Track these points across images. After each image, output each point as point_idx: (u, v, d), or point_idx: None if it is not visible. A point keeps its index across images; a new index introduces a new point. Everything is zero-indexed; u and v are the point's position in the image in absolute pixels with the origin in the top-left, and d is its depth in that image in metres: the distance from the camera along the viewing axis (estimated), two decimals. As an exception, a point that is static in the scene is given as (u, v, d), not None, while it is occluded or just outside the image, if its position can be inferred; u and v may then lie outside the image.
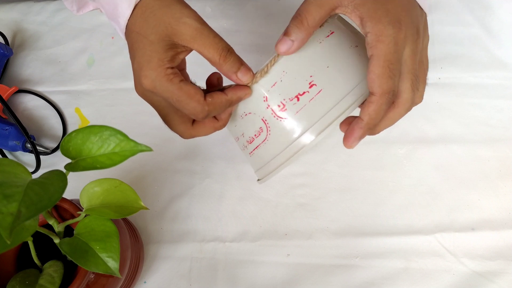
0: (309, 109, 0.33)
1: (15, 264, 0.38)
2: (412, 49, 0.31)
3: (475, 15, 0.58)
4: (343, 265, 0.47)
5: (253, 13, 0.61)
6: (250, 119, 0.35)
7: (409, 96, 0.32)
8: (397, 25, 0.29)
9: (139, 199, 0.36)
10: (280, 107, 0.33)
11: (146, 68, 0.32)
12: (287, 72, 0.33)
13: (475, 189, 0.50)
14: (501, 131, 0.52)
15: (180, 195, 0.52)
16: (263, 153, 0.36)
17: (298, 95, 0.33)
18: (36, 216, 0.26)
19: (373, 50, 0.30)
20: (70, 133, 0.31)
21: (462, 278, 0.46)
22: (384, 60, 0.29)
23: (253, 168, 0.39)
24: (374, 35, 0.29)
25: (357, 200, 0.50)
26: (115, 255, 0.32)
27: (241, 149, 0.39)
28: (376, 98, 0.30)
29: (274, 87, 0.33)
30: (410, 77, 0.31)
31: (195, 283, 0.48)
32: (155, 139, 0.54)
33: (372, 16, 0.30)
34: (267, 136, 0.35)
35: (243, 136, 0.37)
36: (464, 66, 0.56)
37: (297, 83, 0.33)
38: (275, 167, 0.35)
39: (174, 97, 0.32)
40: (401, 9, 0.30)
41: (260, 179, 0.38)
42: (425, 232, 0.48)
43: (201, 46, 0.32)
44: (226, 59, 0.32)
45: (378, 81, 0.30)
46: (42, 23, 0.63)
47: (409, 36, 0.30)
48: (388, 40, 0.29)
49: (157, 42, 0.31)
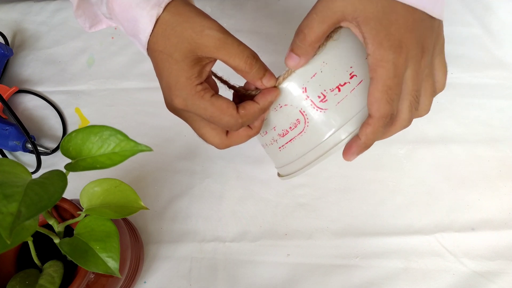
0: (351, 100, 0.33)
1: (15, 264, 0.38)
2: (414, 70, 0.31)
3: (475, 15, 0.58)
4: (343, 265, 0.47)
5: (253, 13, 0.61)
6: (286, 111, 0.34)
7: (406, 116, 0.32)
8: (398, 49, 0.29)
9: (139, 199, 0.36)
10: (321, 98, 0.33)
11: (175, 88, 0.32)
12: (327, 63, 0.33)
13: (475, 189, 0.50)
14: (501, 131, 0.52)
15: (180, 195, 0.52)
16: (298, 146, 0.35)
17: (339, 86, 0.33)
18: (36, 216, 0.26)
19: (372, 73, 0.30)
20: (70, 133, 0.31)
21: (462, 278, 0.46)
22: (382, 85, 0.29)
23: (279, 164, 0.38)
24: (374, 59, 0.29)
25: (357, 200, 0.50)
26: (115, 255, 0.32)
27: (267, 144, 0.38)
28: (374, 121, 0.30)
29: (314, 77, 0.33)
30: (409, 98, 0.31)
31: (195, 283, 0.48)
32: (155, 139, 0.54)
33: (374, 39, 0.29)
34: (305, 128, 0.34)
35: (274, 130, 0.36)
36: (464, 66, 0.56)
37: (338, 73, 0.33)
38: (312, 159, 0.34)
39: (207, 113, 0.32)
40: (404, 30, 0.29)
41: (288, 174, 0.37)
42: (425, 232, 0.48)
43: (226, 56, 0.31)
44: (252, 67, 0.32)
45: (376, 105, 0.30)
46: (42, 23, 0.63)
47: (410, 58, 0.30)
48: (388, 66, 0.29)
49: (182, 60, 0.31)
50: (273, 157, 0.39)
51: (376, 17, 0.29)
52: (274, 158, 0.39)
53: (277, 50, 0.58)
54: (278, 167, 0.39)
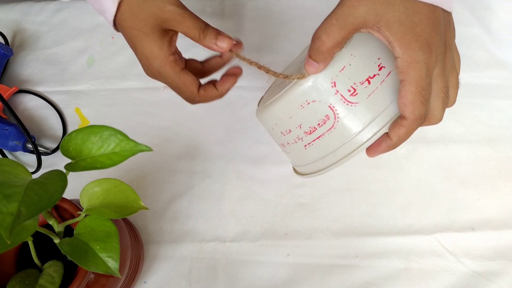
0: (381, 92, 0.32)
1: (15, 264, 0.38)
2: (441, 67, 0.30)
3: (475, 15, 0.58)
4: (343, 265, 0.47)
5: (253, 13, 0.61)
6: (314, 107, 0.33)
7: (440, 114, 0.32)
8: (427, 49, 0.29)
9: (139, 199, 0.36)
10: (351, 92, 0.32)
11: (151, 57, 0.36)
12: (355, 55, 0.32)
13: (475, 189, 0.50)
14: (501, 131, 0.52)
15: (180, 195, 0.52)
16: (328, 143, 0.33)
17: (369, 78, 0.32)
18: (36, 216, 0.26)
19: (404, 75, 0.29)
20: (70, 133, 0.31)
21: (462, 278, 0.46)
22: (416, 86, 0.29)
23: (303, 162, 0.37)
24: (404, 61, 0.29)
25: (357, 200, 0.50)
26: (115, 255, 0.32)
27: (289, 143, 0.36)
28: (408, 123, 0.30)
29: (343, 71, 0.32)
30: (441, 96, 0.31)
31: (195, 283, 0.48)
32: (155, 139, 0.54)
33: (401, 41, 0.29)
34: (335, 124, 0.32)
35: (300, 128, 0.34)
36: (464, 66, 0.55)
37: (366, 66, 0.32)
38: (343, 155, 0.33)
39: (173, 83, 0.37)
40: (430, 29, 0.29)
41: (314, 172, 0.36)
42: (425, 232, 0.48)
43: (185, 28, 0.36)
44: (205, 33, 0.36)
45: (410, 107, 0.29)
46: (42, 23, 0.63)
47: (438, 56, 0.30)
48: (420, 67, 0.29)
49: (151, 32, 0.36)
50: (296, 156, 0.38)
51: (398, 20, 0.28)
52: (297, 156, 0.37)
53: (277, 50, 0.58)
54: (301, 165, 0.38)
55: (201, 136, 0.54)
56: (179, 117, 0.55)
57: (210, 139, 0.54)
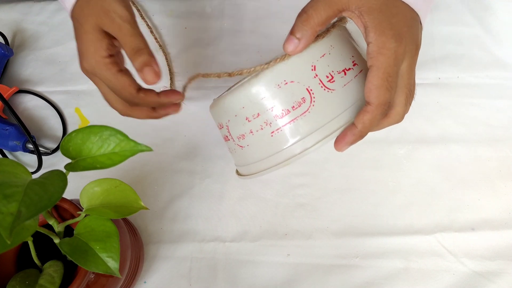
0: (355, 85, 0.33)
1: (15, 264, 0.38)
2: (409, 64, 0.31)
3: (475, 15, 0.58)
4: (343, 265, 0.47)
5: (253, 13, 0.61)
6: (291, 88, 0.33)
7: (402, 109, 0.33)
8: (399, 38, 0.30)
9: (139, 199, 0.36)
10: (329, 78, 0.32)
11: (86, 55, 0.35)
12: (334, 47, 0.33)
13: (475, 189, 0.50)
14: (501, 131, 0.52)
15: (180, 195, 0.52)
16: (301, 127, 0.33)
17: (345, 70, 0.33)
18: (36, 216, 0.26)
19: (373, 61, 0.30)
20: (70, 133, 0.31)
21: (462, 278, 0.46)
22: (383, 72, 0.30)
23: (266, 153, 0.35)
24: (376, 46, 0.30)
25: (357, 200, 0.50)
26: (115, 255, 0.32)
27: (252, 132, 0.35)
28: (372, 108, 0.31)
29: (323, 57, 0.33)
30: (406, 92, 0.32)
31: (195, 283, 0.48)
32: (155, 139, 0.54)
33: (376, 27, 0.30)
34: (310, 108, 0.32)
35: (271, 111, 0.33)
36: (464, 66, 0.56)
37: (343, 59, 0.33)
38: (313, 143, 0.33)
39: (110, 84, 0.36)
40: (404, 24, 0.31)
41: (275, 164, 0.35)
42: (425, 232, 0.48)
43: (120, 41, 0.35)
44: (135, 60, 0.35)
45: (376, 92, 0.30)
46: (42, 23, 0.63)
47: (408, 51, 0.31)
48: (389, 53, 0.30)
49: (91, 31, 0.34)
50: (254, 149, 0.36)
51: (379, 8, 0.30)
52: (256, 149, 0.36)
53: (277, 50, 0.58)
54: (256, 161, 0.36)
55: (201, 136, 0.54)
56: (179, 117, 0.55)
57: (210, 139, 0.54)
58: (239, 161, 0.40)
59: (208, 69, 0.57)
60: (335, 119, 0.32)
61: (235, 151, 0.39)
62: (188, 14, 0.61)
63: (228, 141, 0.39)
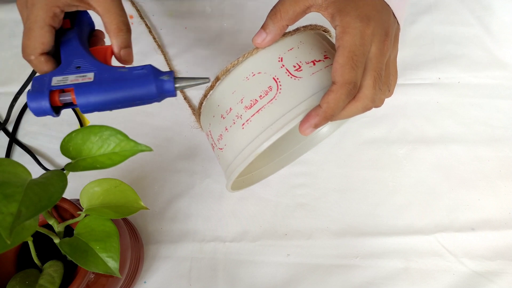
0: (324, 74, 0.34)
1: (15, 264, 0.38)
2: (379, 48, 0.31)
3: (475, 15, 0.58)
4: (343, 265, 0.47)
5: (253, 13, 0.61)
6: (258, 78, 0.34)
7: (370, 92, 0.32)
8: (365, 19, 0.30)
9: (139, 199, 0.36)
10: (296, 68, 0.34)
11: None
12: (303, 42, 0.35)
13: (475, 189, 0.50)
14: (501, 131, 0.52)
15: (180, 195, 0.52)
16: (268, 114, 0.33)
17: (315, 61, 0.34)
18: (36, 216, 0.26)
19: (339, 41, 0.31)
20: (70, 133, 0.31)
21: (462, 278, 0.46)
22: (348, 51, 0.30)
23: (239, 148, 0.35)
24: (341, 27, 0.31)
25: (357, 200, 0.50)
26: (115, 255, 0.32)
27: (227, 128, 0.36)
28: (337, 87, 0.31)
29: (291, 51, 0.34)
30: (374, 75, 0.32)
31: (195, 283, 0.48)
32: (155, 139, 0.54)
33: (341, 10, 0.31)
34: (276, 95, 0.33)
35: (241, 102, 0.35)
36: (464, 66, 0.56)
37: (313, 52, 0.35)
38: (284, 122, 0.33)
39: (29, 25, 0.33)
40: (371, 8, 0.31)
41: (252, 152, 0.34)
42: (425, 232, 0.48)
43: (105, 11, 0.33)
44: (117, 35, 0.34)
45: (340, 70, 0.30)
46: (42, 23, 0.63)
47: (376, 34, 0.31)
48: (354, 32, 0.30)
49: None
50: (232, 146, 0.36)
51: None
52: (233, 145, 0.36)
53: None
54: (236, 156, 0.36)
55: (201, 136, 0.54)
56: (179, 117, 0.55)
57: (210, 139, 0.54)
58: (223, 168, 0.40)
59: (208, 69, 0.57)
60: (301, 104, 0.33)
61: (219, 157, 0.40)
62: (188, 14, 0.61)
63: (214, 149, 0.40)
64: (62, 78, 0.33)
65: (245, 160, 0.35)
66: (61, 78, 0.33)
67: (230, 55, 0.58)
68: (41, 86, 0.33)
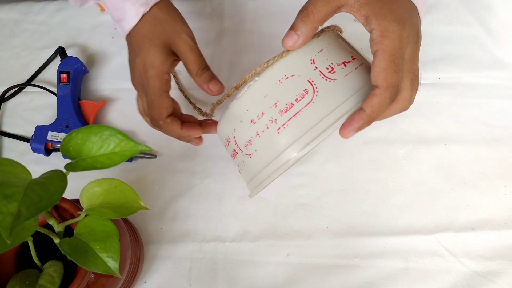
0: (357, 75, 0.33)
1: (15, 264, 0.38)
2: (413, 50, 0.32)
3: (475, 15, 0.58)
4: (343, 265, 0.47)
5: (253, 13, 0.61)
6: (292, 81, 0.33)
7: (408, 94, 0.32)
8: (401, 23, 0.30)
9: (139, 199, 0.36)
10: (329, 70, 0.33)
11: (148, 65, 0.39)
12: (330, 44, 0.34)
13: (475, 189, 0.50)
14: (501, 131, 0.52)
15: (180, 195, 0.52)
16: (306, 118, 0.32)
17: (345, 62, 0.34)
18: (36, 216, 0.27)
19: (378, 45, 0.30)
20: (70, 133, 0.31)
21: (462, 278, 0.46)
22: (389, 54, 0.30)
23: (273, 155, 0.34)
24: (379, 31, 0.30)
25: (357, 200, 0.50)
26: (115, 255, 0.32)
27: (258, 133, 0.34)
28: (381, 91, 0.30)
29: (320, 52, 0.34)
30: (411, 76, 0.32)
31: (195, 283, 0.48)
32: (155, 139, 0.54)
33: (377, 14, 0.30)
34: (314, 98, 0.32)
35: (275, 107, 0.33)
36: (464, 66, 0.56)
37: (341, 54, 0.34)
38: (321, 130, 0.32)
39: (151, 97, 0.39)
40: (403, 10, 0.31)
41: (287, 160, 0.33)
42: (425, 232, 0.48)
43: (188, 60, 0.39)
44: (202, 72, 0.39)
45: (383, 74, 0.30)
46: (42, 23, 0.63)
47: (410, 37, 0.31)
48: (393, 36, 0.30)
49: (161, 46, 0.39)
50: (265, 151, 0.35)
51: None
52: (267, 150, 0.34)
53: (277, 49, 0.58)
54: (270, 162, 0.34)
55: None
56: (179, 117, 0.55)
57: (210, 139, 0.54)
58: (248, 175, 0.38)
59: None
60: (340, 106, 0.32)
61: (244, 164, 0.37)
62: (188, 14, 0.60)
63: (237, 156, 0.38)
64: (55, 134, 0.52)
65: (285, 164, 0.33)
66: (54, 134, 0.52)
67: (230, 55, 0.58)
68: (41, 137, 0.52)
